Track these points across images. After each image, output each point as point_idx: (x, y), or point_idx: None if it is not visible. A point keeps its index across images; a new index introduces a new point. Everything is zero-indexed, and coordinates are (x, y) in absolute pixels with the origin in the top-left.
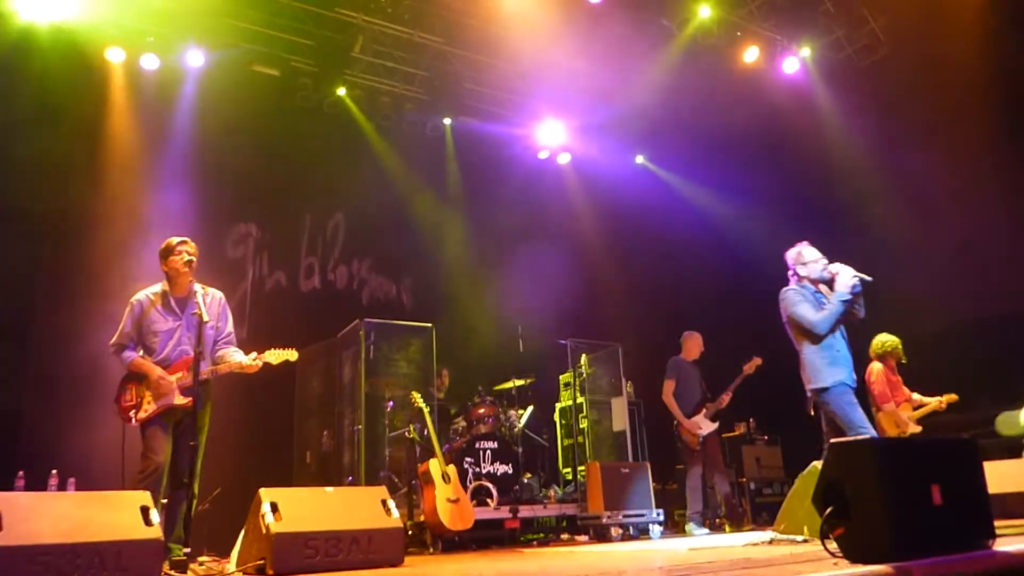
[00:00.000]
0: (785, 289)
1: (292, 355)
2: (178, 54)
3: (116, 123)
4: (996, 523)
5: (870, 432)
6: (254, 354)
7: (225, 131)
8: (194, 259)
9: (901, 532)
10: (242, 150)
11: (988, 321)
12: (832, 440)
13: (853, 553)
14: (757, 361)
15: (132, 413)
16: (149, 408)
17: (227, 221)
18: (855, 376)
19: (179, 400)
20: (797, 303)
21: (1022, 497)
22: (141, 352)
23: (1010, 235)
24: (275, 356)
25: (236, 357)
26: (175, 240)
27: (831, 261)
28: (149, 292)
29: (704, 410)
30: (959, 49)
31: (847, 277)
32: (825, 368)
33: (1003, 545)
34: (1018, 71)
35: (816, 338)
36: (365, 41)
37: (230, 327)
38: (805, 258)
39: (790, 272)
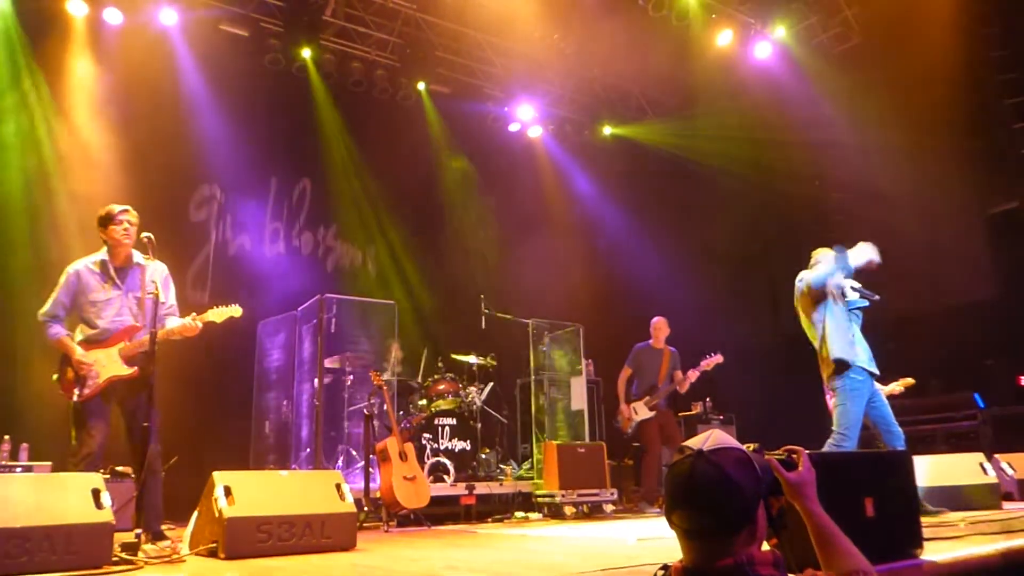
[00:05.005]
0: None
1: (236, 311)
2: (144, 9)
3: (76, 77)
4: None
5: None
6: (193, 315)
7: (190, 90)
8: (133, 228)
9: None
10: (207, 110)
11: (941, 312)
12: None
13: (787, 562)
14: (718, 359)
15: (76, 390)
16: (94, 385)
17: (190, 182)
18: None
19: (123, 370)
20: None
21: (959, 490)
22: (67, 330)
23: (967, 228)
24: (218, 314)
25: (173, 324)
26: (116, 208)
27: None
28: (88, 262)
29: (647, 398)
30: (930, 42)
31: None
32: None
33: (930, 553)
34: (986, 67)
35: None
36: (337, 4)
37: (172, 299)
38: (818, 260)
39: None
